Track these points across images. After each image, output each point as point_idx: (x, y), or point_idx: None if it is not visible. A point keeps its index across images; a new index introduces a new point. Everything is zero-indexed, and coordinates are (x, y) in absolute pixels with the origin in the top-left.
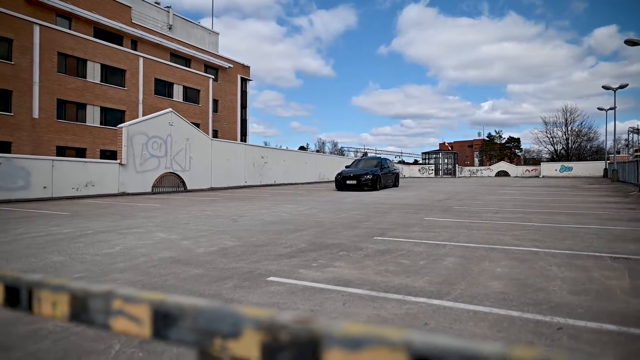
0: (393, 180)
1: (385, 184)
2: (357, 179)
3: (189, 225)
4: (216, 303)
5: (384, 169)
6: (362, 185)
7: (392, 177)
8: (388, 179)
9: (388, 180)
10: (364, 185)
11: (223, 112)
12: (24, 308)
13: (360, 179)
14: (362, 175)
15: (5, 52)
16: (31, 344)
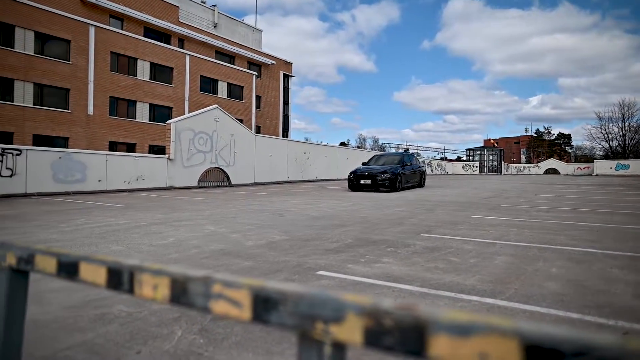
0: (418, 180)
1: (406, 183)
2: (372, 178)
3: (237, 219)
4: (316, 290)
5: (406, 167)
6: (378, 186)
7: (416, 175)
8: (411, 177)
9: (411, 180)
10: (380, 186)
11: (265, 108)
12: (125, 290)
13: (376, 178)
14: (379, 174)
15: (64, 52)
16: (100, 326)
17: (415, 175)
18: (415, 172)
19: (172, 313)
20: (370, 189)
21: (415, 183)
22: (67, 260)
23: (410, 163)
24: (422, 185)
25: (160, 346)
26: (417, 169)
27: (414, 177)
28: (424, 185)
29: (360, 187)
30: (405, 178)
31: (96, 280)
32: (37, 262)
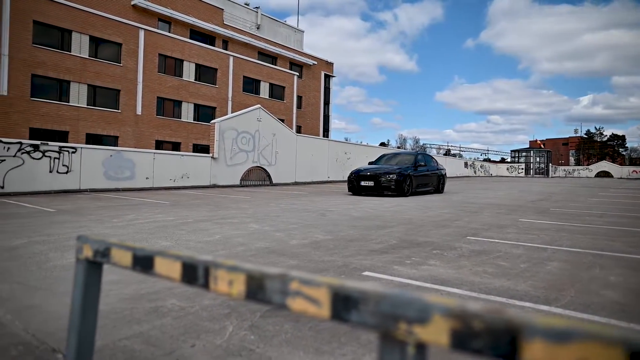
0: (434, 184)
1: (418, 187)
2: (375, 180)
3: (280, 217)
4: (399, 290)
5: (420, 168)
6: (382, 188)
7: (432, 179)
8: (424, 181)
9: (424, 183)
10: (385, 189)
11: (306, 109)
12: (200, 284)
13: (379, 180)
14: (383, 175)
15: (116, 55)
16: (155, 319)
17: (430, 178)
18: (431, 175)
19: (222, 309)
20: (373, 192)
21: (432, 188)
22: (142, 255)
23: (424, 164)
24: (440, 191)
25: (212, 341)
26: (433, 171)
27: (429, 180)
28: (442, 191)
29: (362, 190)
30: (417, 181)
31: (171, 274)
32: (113, 255)
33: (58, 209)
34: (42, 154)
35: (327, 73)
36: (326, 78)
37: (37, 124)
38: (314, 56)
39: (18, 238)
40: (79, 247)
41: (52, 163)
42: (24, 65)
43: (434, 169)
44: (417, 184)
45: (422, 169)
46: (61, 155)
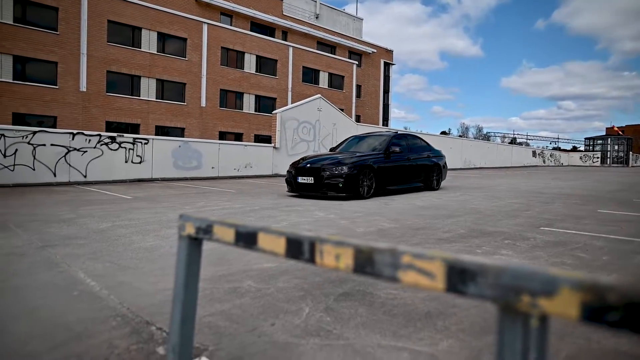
0: (423, 177)
1: (391, 184)
2: (315, 175)
3: (343, 206)
4: (519, 263)
5: (394, 156)
6: (324, 187)
7: (417, 171)
8: (403, 174)
9: (404, 178)
10: (329, 188)
11: (365, 98)
12: (305, 259)
13: (321, 175)
14: (328, 167)
15: (182, 50)
16: (235, 298)
17: (415, 170)
18: (416, 165)
19: (297, 292)
20: (313, 192)
21: (418, 183)
22: (245, 231)
23: (400, 150)
24: (432, 187)
25: (291, 320)
26: (419, 159)
27: (413, 172)
28: (437, 187)
29: (299, 188)
30: (390, 174)
31: (275, 249)
32: (215, 231)
33: (134, 196)
34: (118, 146)
35: (386, 61)
36: (385, 66)
37: (112, 117)
38: (373, 44)
39: (104, 222)
40: (181, 225)
41: (127, 154)
42: (100, 62)
43: (421, 156)
44: (390, 179)
45: (397, 157)
46: (135, 146)
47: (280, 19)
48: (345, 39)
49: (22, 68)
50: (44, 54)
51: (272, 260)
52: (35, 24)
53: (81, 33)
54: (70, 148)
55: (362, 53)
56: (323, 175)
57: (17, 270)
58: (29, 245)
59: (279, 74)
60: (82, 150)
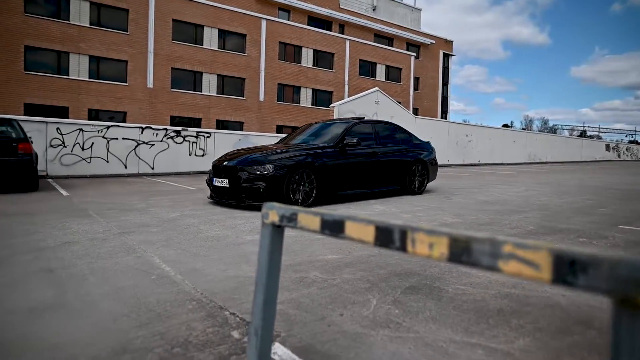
0: (398, 178)
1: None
2: (231, 176)
3: (403, 199)
4: (636, 256)
5: (352, 150)
6: (241, 192)
7: (389, 169)
8: (362, 175)
9: (362, 180)
10: (246, 193)
11: (423, 90)
12: (396, 247)
13: (237, 176)
14: (248, 167)
15: (241, 46)
16: (302, 288)
17: (385, 169)
18: (387, 162)
19: (363, 283)
20: (229, 197)
21: (393, 186)
22: (331, 219)
23: (356, 143)
24: (414, 191)
25: (359, 311)
26: (392, 154)
27: (381, 173)
28: (421, 191)
29: (217, 193)
30: (342, 176)
31: (363, 237)
32: (300, 219)
33: (198, 187)
34: (182, 139)
35: (445, 52)
36: (445, 57)
37: (176, 112)
38: (432, 35)
39: (173, 212)
40: (265, 213)
41: (191, 147)
42: (165, 60)
43: (396, 149)
44: (344, 182)
45: (358, 152)
46: (198, 139)
47: (337, 12)
48: (403, 31)
49: (96, 67)
50: (116, 54)
51: (336, 252)
52: (108, 26)
53: (149, 32)
54: (139, 141)
55: (421, 44)
56: (240, 177)
57: (101, 254)
58: (109, 232)
59: (335, 67)
60: (150, 144)
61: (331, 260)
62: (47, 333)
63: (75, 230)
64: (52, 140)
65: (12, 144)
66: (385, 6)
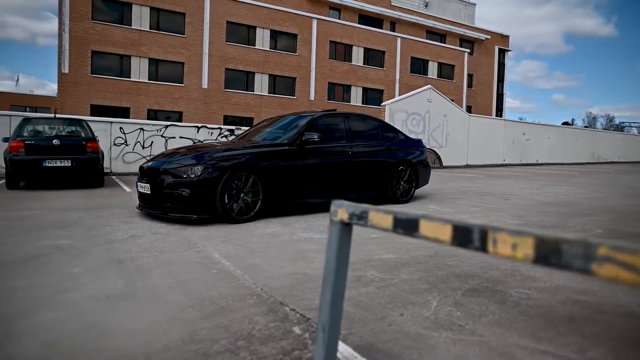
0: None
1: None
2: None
3: (459, 200)
4: None
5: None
6: (164, 200)
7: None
8: (327, 179)
9: (327, 185)
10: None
11: (477, 87)
12: (475, 247)
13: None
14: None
15: (292, 45)
16: (360, 287)
17: (358, 172)
18: (360, 164)
19: (421, 284)
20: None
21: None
22: (405, 218)
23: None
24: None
25: (420, 312)
26: (371, 156)
27: (353, 177)
28: (407, 199)
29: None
30: (298, 180)
31: (439, 236)
32: (370, 218)
33: None
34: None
35: (501, 47)
36: (500, 53)
37: (229, 112)
38: (487, 30)
39: None
40: (333, 210)
41: None
42: (219, 61)
43: (374, 148)
44: (302, 187)
45: (323, 150)
46: None
47: (389, 9)
48: (456, 27)
49: (155, 69)
50: (173, 56)
51: (392, 252)
52: (166, 30)
53: (204, 35)
54: (195, 140)
55: (475, 40)
56: (163, 181)
57: (164, 248)
58: (171, 227)
59: (386, 65)
60: None
61: (388, 259)
62: (123, 319)
63: (140, 225)
64: (116, 139)
65: (82, 143)
66: (437, 2)
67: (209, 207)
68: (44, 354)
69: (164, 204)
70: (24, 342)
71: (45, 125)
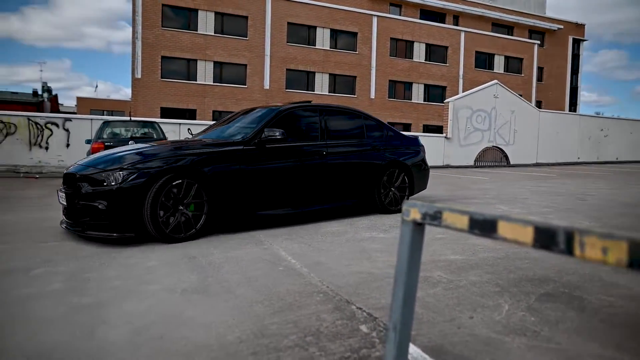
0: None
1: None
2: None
3: (529, 200)
4: None
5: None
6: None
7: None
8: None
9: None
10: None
11: (548, 81)
12: (560, 250)
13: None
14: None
15: (352, 44)
16: (428, 287)
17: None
18: (337, 166)
19: (491, 287)
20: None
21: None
22: (482, 218)
23: (279, 137)
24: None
25: (490, 315)
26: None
27: (329, 182)
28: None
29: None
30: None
31: (519, 238)
32: (445, 218)
33: None
34: None
35: (575, 37)
36: (574, 43)
37: None
38: (559, 19)
39: None
40: (406, 210)
41: None
42: (280, 62)
43: (356, 147)
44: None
45: (290, 151)
46: None
47: (452, 3)
48: (525, 17)
49: (219, 72)
50: (237, 58)
51: (459, 253)
52: (230, 33)
53: (265, 37)
54: None
55: (545, 31)
56: (80, 191)
57: (233, 246)
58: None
59: (449, 61)
60: None
61: (455, 260)
62: (197, 312)
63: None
64: None
65: None
66: None
67: (135, 223)
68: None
69: (82, 218)
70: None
71: (122, 127)
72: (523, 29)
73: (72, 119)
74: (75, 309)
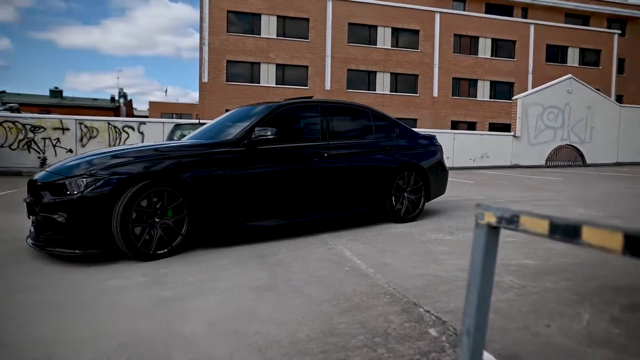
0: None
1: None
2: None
3: (609, 202)
4: None
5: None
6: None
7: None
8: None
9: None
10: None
11: (631, 73)
12: None
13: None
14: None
15: (414, 42)
16: (498, 292)
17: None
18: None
19: (570, 295)
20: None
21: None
22: (564, 223)
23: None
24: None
25: (569, 325)
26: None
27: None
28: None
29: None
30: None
31: (606, 244)
32: (522, 222)
33: None
34: None
35: None
36: None
37: None
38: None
39: None
40: (479, 214)
41: None
42: (342, 62)
43: (361, 149)
44: (256, 207)
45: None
46: None
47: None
48: (603, 5)
49: (282, 74)
50: (298, 60)
51: (531, 257)
52: (291, 35)
53: (326, 38)
54: None
55: (627, 18)
56: (41, 201)
57: (298, 245)
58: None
59: (517, 56)
60: None
61: (527, 265)
62: (268, 309)
63: None
64: None
65: None
66: None
67: (101, 238)
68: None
69: (44, 232)
70: None
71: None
72: (601, 18)
73: (146, 122)
74: None
